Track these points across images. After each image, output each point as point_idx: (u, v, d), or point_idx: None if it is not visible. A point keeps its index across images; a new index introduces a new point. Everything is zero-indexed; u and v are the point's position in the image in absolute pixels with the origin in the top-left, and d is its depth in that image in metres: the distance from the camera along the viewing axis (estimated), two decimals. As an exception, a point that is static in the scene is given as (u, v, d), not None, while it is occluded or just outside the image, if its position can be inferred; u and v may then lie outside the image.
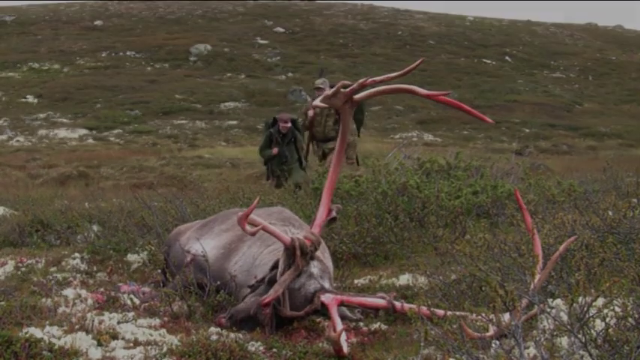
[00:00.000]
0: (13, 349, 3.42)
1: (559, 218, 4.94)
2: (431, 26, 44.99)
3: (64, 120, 25.55)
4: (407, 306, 4.03)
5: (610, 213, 5.06)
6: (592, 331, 3.11)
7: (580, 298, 3.21)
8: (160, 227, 6.37)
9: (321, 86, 9.83)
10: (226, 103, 28.79)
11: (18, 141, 22.08)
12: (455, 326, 3.32)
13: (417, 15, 49.15)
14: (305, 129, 10.24)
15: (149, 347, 3.82)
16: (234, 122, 26.12)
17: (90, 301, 4.73)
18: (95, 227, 7.37)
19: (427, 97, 4.14)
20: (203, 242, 4.96)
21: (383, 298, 4.20)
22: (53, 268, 5.99)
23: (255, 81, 32.35)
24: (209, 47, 36.92)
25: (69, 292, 4.94)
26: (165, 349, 3.77)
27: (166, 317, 4.49)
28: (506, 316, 3.33)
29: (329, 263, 4.62)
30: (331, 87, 9.44)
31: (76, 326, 4.03)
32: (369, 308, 4.27)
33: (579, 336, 3.10)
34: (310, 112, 9.98)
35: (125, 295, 4.90)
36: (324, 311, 4.05)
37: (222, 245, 4.92)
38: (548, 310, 3.37)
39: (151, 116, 26.64)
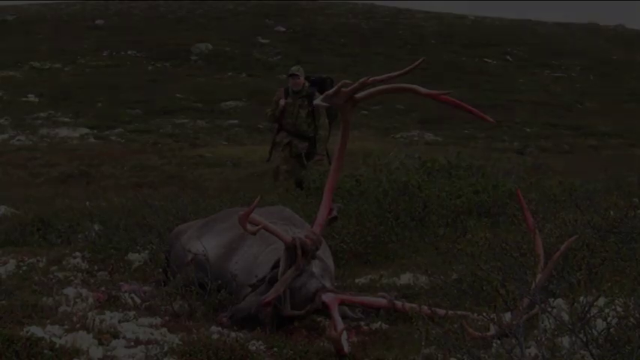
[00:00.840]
0: (15, 348, 3.42)
1: (560, 217, 4.95)
2: (432, 25, 44.95)
3: (65, 119, 25.47)
4: (408, 305, 4.03)
5: (611, 212, 5.06)
6: (593, 330, 3.10)
7: (581, 298, 3.21)
8: (161, 226, 6.36)
9: (296, 73, 9.30)
10: (227, 102, 28.72)
11: (19, 140, 22.02)
12: (456, 325, 3.32)
13: (418, 14, 49.08)
14: (274, 120, 9.59)
15: (150, 346, 3.82)
16: (236, 121, 26.08)
17: (91, 300, 4.73)
18: (96, 226, 7.35)
19: (428, 96, 4.14)
20: (204, 241, 4.96)
21: (384, 297, 4.20)
22: (54, 267, 5.99)
23: (257, 80, 32.31)
24: (210, 46, 36.85)
25: (70, 290, 4.93)
26: (166, 348, 3.77)
27: (167, 316, 4.48)
28: (508, 316, 3.33)
29: (330, 262, 4.63)
30: (306, 78, 9.35)
31: (77, 325, 4.03)
32: (369, 307, 4.27)
33: (580, 335, 3.10)
34: (282, 102, 9.33)
35: (126, 294, 4.90)
36: (324, 310, 4.05)
37: (223, 244, 4.91)
38: (550, 309, 3.37)
39: (152, 115, 26.56)
